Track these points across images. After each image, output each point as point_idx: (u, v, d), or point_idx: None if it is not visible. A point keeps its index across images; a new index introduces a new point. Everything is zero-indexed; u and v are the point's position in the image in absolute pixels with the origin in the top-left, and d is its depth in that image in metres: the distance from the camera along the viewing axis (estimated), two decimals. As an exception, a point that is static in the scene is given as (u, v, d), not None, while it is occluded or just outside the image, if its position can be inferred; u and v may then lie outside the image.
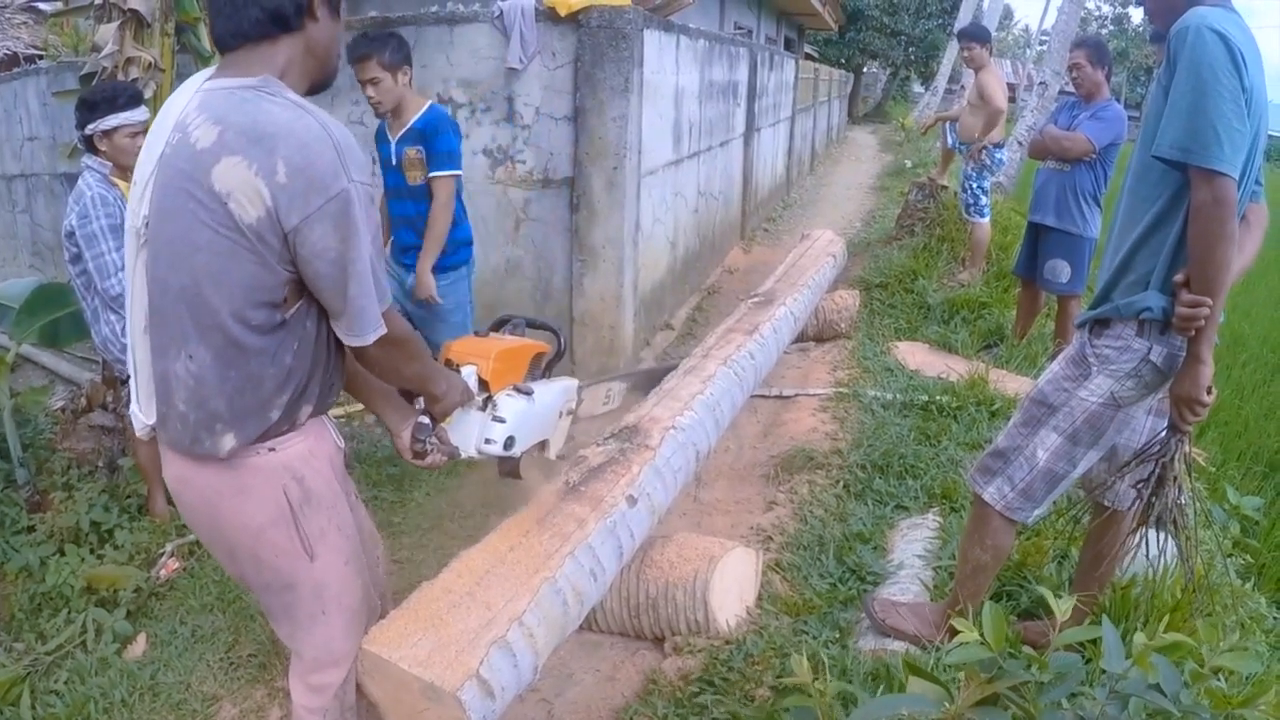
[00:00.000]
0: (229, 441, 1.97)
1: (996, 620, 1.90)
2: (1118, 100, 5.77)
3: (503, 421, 2.52)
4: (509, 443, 2.54)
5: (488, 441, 2.51)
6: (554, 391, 2.80)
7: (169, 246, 1.89)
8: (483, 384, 2.52)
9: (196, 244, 1.84)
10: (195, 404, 1.95)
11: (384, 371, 2.17)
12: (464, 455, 2.50)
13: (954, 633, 1.90)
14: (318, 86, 2.07)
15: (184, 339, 1.92)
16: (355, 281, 1.89)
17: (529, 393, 2.62)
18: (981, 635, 1.87)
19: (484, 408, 2.52)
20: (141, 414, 2.09)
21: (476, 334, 2.74)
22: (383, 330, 1.97)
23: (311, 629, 2.23)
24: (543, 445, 2.83)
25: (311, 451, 2.13)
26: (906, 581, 3.38)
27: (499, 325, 2.95)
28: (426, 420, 2.38)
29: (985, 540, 2.83)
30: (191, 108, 1.88)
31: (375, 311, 1.95)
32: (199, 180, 1.81)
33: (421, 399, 2.37)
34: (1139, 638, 1.71)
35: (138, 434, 2.13)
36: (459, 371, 2.49)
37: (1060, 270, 5.83)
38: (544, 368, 2.87)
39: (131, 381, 2.13)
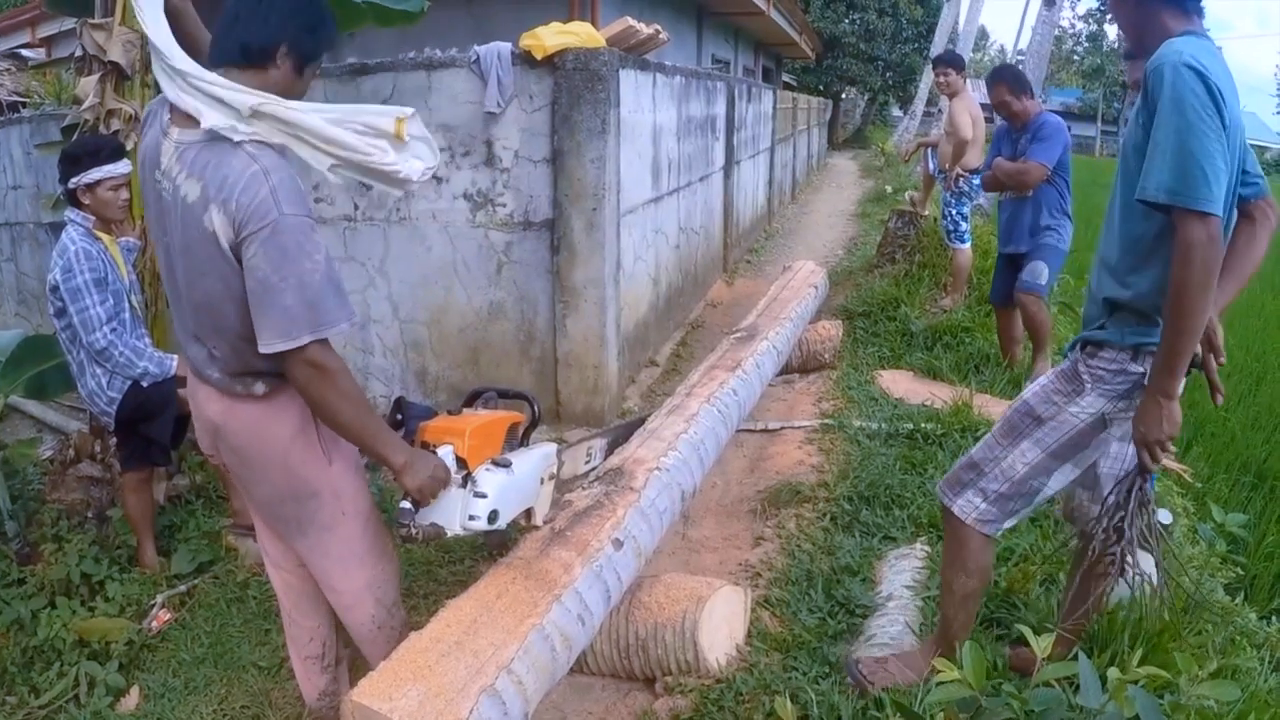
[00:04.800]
0: (260, 388, 2.49)
1: (976, 658, 1.93)
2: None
3: (484, 496, 2.57)
4: (493, 517, 2.59)
5: (471, 518, 2.56)
6: (533, 460, 2.83)
7: (191, 270, 2.37)
8: (460, 462, 2.56)
9: (205, 270, 2.32)
10: (228, 373, 2.47)
11: (316, 403, 2.38)
12: (450, 534, 2.55)
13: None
14: None
15: (208, 334, 2.45)
16: (291, 293, 2.22)
17: (507, 465, 2.65)
18: (962, 674, 1.90)
19: (464, 485, 2.56)
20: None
21: (449, 412, 2.76)
22: (300, 342, 2.24)
23: (335, 529, 2.64)
24: (528, 514, 2.87)
25: None
26: (896, 612, 3.39)
27: (471, 400, 2.98)
28: (408, 505, 2.46)
29: (968, 564, 2.79)
30: (173, 160, 2.33)
31: (305, 322, 2.24)
32: (198, 224, 2.27)
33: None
34: (1113, 672, 1.74)
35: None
36: (435, 452, 2.53)
37: (1040, 271, 5.81)
38: (521, 437, 2.91)
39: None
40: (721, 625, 3.29)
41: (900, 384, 6.27)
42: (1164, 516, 3.05)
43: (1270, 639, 3.39)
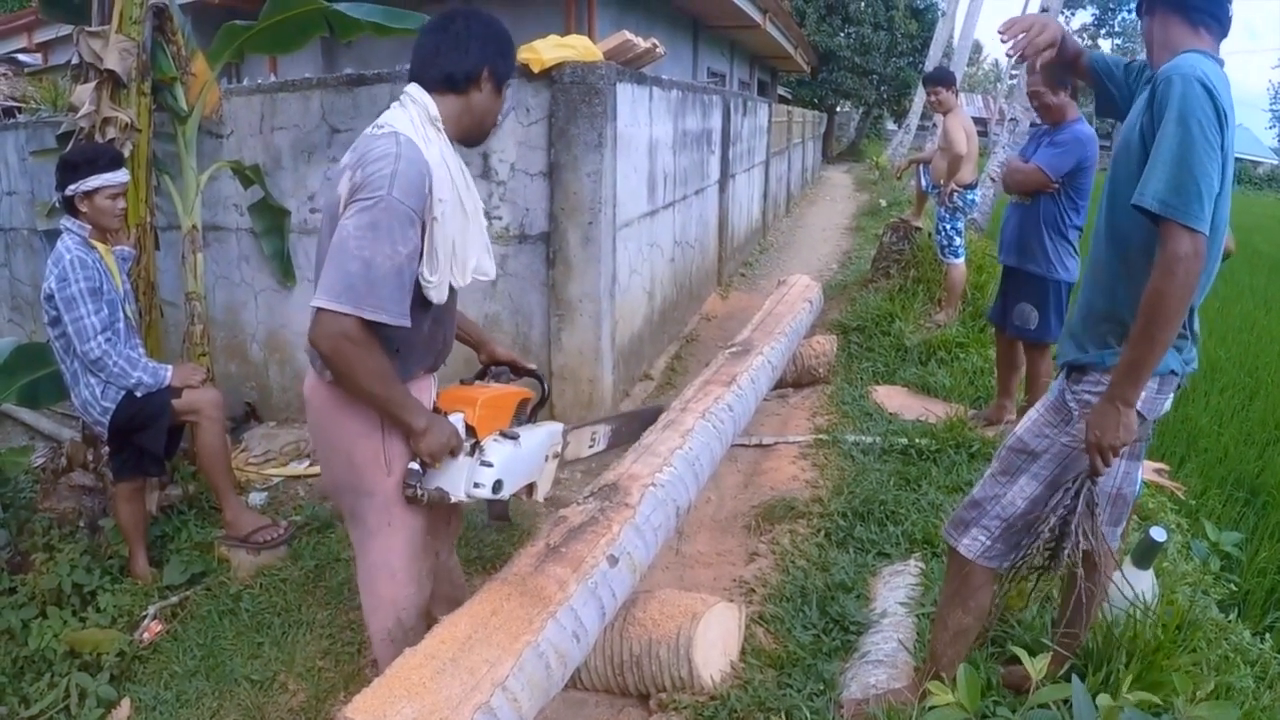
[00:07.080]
0: (329, 374, 2.54)
1: (971, 679, 1.93)
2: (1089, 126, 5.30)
3: (490, 466, 2.64)
4: (497, 486, 2.66)
5: (476, 485, 2.64)
6: (540, 436, 2.91)
7: (323, 233, 2.52)
8: (470, 430, 2.64)
9: (330, 232, 2.43)
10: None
11: (337, 372, 2.44)
12: (454, 499, 2.63)
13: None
14: (466, 141, 2.71)
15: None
16: (359, 264, 2.30)
17: (515, 437, 2.74)
18: (956, 696, 1.90)
19: (472, 453, 2.64)
20: None
21: (462, 382, 2.86)
22: (342, 309, 2.30)
23: (377, 535, 2.71)
24: (530, 488, 2.94)
25: None
26: (890, 629, 3.38)
27: (483, 373, 3.08)
28: (416, 466, 2.57)
29: (968, 601, 2.77)
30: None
31: (355, 295, 2.30)
32: (335, 188, 2.46)
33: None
34: (1104, 699, 1.73)
35: None
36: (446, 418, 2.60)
37: (1028, 316, 5.31)
38: (529, 413, 2.99)
39: None
40: (716, 642, 3.28)
41: (894, 399, 6.28)
42: (1158, 534, 3.04)
43: (1264, 656, 3.40)
